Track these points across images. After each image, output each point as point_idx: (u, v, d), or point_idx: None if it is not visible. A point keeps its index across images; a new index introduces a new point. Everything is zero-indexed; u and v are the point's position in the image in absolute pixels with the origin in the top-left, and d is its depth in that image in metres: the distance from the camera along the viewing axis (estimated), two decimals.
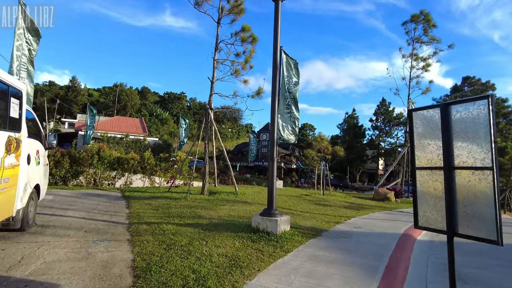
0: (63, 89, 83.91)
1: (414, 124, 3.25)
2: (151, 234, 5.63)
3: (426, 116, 3.14)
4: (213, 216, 7.22)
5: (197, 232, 5.77)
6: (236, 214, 7.53)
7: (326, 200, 11.52)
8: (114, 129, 51.35)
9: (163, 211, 7.63)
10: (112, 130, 49.98)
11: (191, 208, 8.04)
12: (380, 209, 10.74)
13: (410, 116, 3.29)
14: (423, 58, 18.22)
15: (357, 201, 12.68)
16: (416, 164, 3.23)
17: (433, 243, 6.56)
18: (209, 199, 9.49)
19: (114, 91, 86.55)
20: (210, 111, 10.52)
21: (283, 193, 12.58)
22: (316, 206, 10.09)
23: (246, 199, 9.88)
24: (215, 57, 10.78)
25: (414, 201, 3.20)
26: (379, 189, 13.58)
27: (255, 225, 6.01)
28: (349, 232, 6.63)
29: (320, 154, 13.47)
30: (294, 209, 9.04)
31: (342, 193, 14.99)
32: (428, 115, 3.13)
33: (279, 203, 9.84)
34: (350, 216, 8.81)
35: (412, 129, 3.28)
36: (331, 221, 7.78)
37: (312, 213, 8.72)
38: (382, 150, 61.99)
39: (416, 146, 3.23)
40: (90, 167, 11.64)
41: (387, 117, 59.38)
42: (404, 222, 8.49)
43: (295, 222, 7.14)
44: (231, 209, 8.14)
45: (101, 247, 4.86)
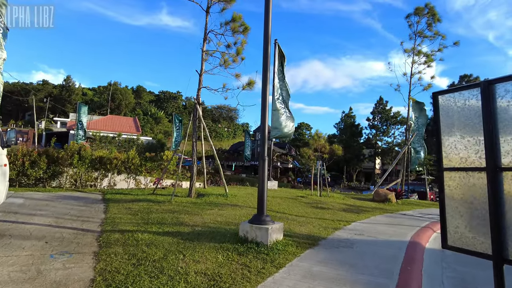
0: (57, 88, 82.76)
1: (441, 112, 2.47)
2: (122, 245, 4.85)
3: (459, 100, 2.37)
4: (197, 222, 6.45)
5: (175, 243, 5.00)
6: (223, 220, 6.76)
7: (323, 202, 10.78)
8: (106, 128, 50.47)
9: (142, 216, 6.85)
10: (104, 129, 49.10)
11: (174, 213, 7.26)
12: (381, 212, 10.02)
13: (435, 101, 2.52)
14: (426, 54, 17.53)
15: (356, 202, 11.95)
16: (444, 163, 2.46)
17: (445, 253, 5.82)
18: (196, 202, 8.72)
19: (108, 90, 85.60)
20: (198, 107, 9.74)
21: (277, 194, 11.83)
22: (313, 209, 9.34)
23: (236, 202, 9.11)
24: (203, 48, 10.01)
25: (441, 213, 2.44)
26: (379, 190, 12.87)
27: (242, 234, 5.24)
28: (350, 241, 5.88)
29: (317, 153, 12.73)
30: (289, 213, 8.28)
31: (340, 194, 14.27)
32: (461, 99, 2.36)
33: (273, 206, 9.08)
34: (350, 220, 8.07)
35: (438, 118, 2.50)
36: (329, 227, 7.03)
37: (309, 218, 7.97)
38: (379, 149, 61.56)
39: (443, 141, 2.46)
40: (70, 167, 10.82)
41: (384, 116, 58.92)
42: (409, 227, 7.77)
43: (289, 229, 6.39)
44: (219, 214, 7.37)
45: (58, 262, 4.09)
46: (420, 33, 17.65)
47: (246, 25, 10.33)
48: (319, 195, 12.67)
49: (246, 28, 10.38)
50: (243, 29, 10.43)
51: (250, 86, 9.55)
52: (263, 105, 5.50)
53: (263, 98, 5.52)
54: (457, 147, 2.28)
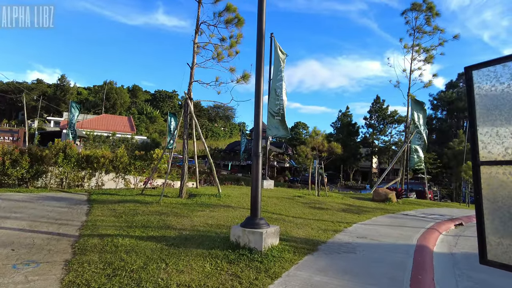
0: (51, 87, 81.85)
1: (477, 91, 1.96)
2: (99, 252, 4.33)
3: (502, 74, 1.87)
4: (185, 226, 5.92)
5: (158, 249, 4.48)
6: (214, 223, 6.23)
7: (321, 202, 10.29)
8: (101, 127, 49.75)
9: (126, 219, 6.31)
10: (99, 128, 48.36)
11: (161, 215, 6.72)
12: (382, 212, 9.54)
13: (468, 78, 2.01)
14: (426, 49, 17.08)
15: (356, 202, 11.47)
16: (481, 156, 1.95)
17: (455, 258, 5.35)
18: (187, 203, 8.18)
19: (104, 90, 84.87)
20: (189, 102, 9.20)
21: (274, 194, 11.32)
22: (311, 209, 8.84)
23: (229, 202, 8.58)
24: (195, 40, 9.47)
25: (478, 218, 1.93)
26: (379, 190, 12.40)
27: (234, 239, 4.73)
28: (352, 245, 5.39)
29: (314, 152, 12.24)
30: (286, 214, 7.78)
31: (338, 194, 13.80)
32: (506, 73, 1.85)
33: (269, 206, 8.58)
34: (351, 221, 7.59)
35: (472, 100, 1.98)
36: (329, 229, 6.54)
37: (307, 219, 7.47)
38: (376, 148, 61.39)
39: (480, 128, 1.95)
40: (55, 166, 10.25)
41: (381, 114, 58.71)
42: (413, 228, 7.29)
43: (285, 232, 5.88)
44: (210, 216, 6.84)
45: (20, 275, 3.55)
46: (419, 29, 17.21)
47: (240, 17, 9.80)
48: (317, 195, 12.18)
49: (240, 20, 9.85)
50: (237, 22, 9.90)
51: (245, 79, 9.02)
52: (257, 97, 4.98)
53: (257, 89, 5.00)
54: (500, 134, 1.78)
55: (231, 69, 10.08)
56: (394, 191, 12.75)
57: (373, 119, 60.06)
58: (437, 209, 11.75)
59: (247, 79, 9.02)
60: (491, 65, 1.84)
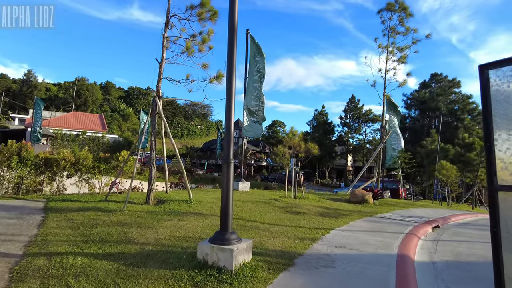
0: (16, 82, 77.70)
1: (495, 96, 1.55)
2: (42, 276, 3.71)
3: None
4: (149, 239, 5.35)
5: (114, 271, 3.90)
6: (182, 235, 5.69)
7: (298, 206, 9.93)
8: (70, 125, 47.58)
9: (83, 231, 5.65)
10: (68, 126, 46.20)
11: (123, 225, 6.10)
12: (360, 215, 9.30)
13: (484, 79, 1.59)
14: (400, 49, 17.17)
15: (333, 205, 11.21)
16: (500, 178, 1.54)
17: (437, 267, 5.09)
18: (154, 211, 7.57)
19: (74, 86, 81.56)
20: (158, 100, 8.56)
21: (249, 198, 10.85)
22: (288, 214, 8.45)
23: (201, 209, 8.04)
24: (164, 34, 8.83)
25: (495, 253, 1.53)
26: (355, 191, 12.22)
27: (201, 256, 4.22)
28: (331, 257, 5.01)
29: (291, 151, 11.88)
30: (261, 221, 7.33)
31: (315, 195, 13.53)
32: None
33: (243, 212, 8.10)
34: (328, 227, 7.24)
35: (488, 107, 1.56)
36: (306, 237, 6.15)
37: (283, 226, 7.06)
38: (351, 147, 62.37)
39: (498, 142, 1.54)
40: (8, 170, 9.32)
41: (356, 113, 59.67)
42: (392, 234, 7.04)
43: (260, 244, 5.43)
44: (178, 226, 6.28)
45: None
46: (393, 29, 17.28)
47: (215, 9, 9.24)
48: (294, 197, 11.84)
49: (214, 13, 9.29)
50: (211, 15, 9.34)
51: (218, 79, 8.45)
52: (228, 100, 4.49)
53: (228, 92, 4.50)
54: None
55: (203, 65, 9.50)
56: (370, 192, 12.61)
57: (348, 118, 60.96)
58: (413, 210, 11.70)
59: (220, 79, 8.47)
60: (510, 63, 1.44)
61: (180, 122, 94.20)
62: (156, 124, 8.63)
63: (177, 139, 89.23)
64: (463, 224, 9.94)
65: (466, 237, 7.65)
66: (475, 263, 5.45)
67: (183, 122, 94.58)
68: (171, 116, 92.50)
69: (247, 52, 12.84)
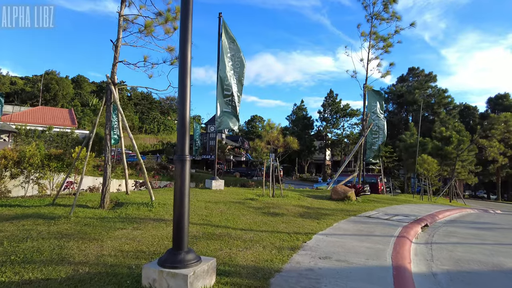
0: None
1: None
2: None
3: None
4: (89, 256, 4.24)
5: None
6: (133, 249, 4.61)
7: (276, 206, 9.02)
8: (36, 121, 44.81)
9: (7, 247, 4.47)
10: (33, 122, 43.47)
11: (62, 238, 4.95)
12: (344, 215, 8.49)
13: None
14: (383, 38, 16.51)
15: (314, 203, 10.37)
16: None
17: (439, 280, 4.28)
18: (106, 216, 6.42)
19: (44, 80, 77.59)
20: (112, 88, 7.36)
21: (223, 197, 9.82)
22: (264, 216, 7.50)
23: (163, 214, 6.93)
24: (121, 12, 7.59)
25: None
26: (337, 187, 11.44)
27: (147, 283, 3.19)
28: (315, 272, 4.09)
29: (269, 146, 10.94)
30: (233, 226, 6.35)
31: (295, 192, 12.68)
32: None
33: (213, 216, 7.06)
34: (310, 231, 6.36)
35: None
36: (284, 246, 5.21)
37: (258, 231, 6.10)
38: (329, 141, 62.49)
39: None
40: None
41: (334, 108, 59.71)
42: (382, 237, 6.24)
43: (229, 258, 4.44)
44: (130, 237, 5.19)
45: None
46: (377, 15, 16.59)
47: None
48: (272, 195, 10.92)
49: None
50: None
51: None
52: (182, 74, 3.45)
53: (182, 64, 3.46)
54: None
55: (169, 48, 8.37)
56: (353, 188, 11.89)
57: (326, 113, 60.92)
58: (398, 207, 11.06)
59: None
60: None
61: (156, 117, 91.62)
62: (110, 115, 7.43)
63: (153, 135, 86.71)
64: (452, 221, 9.35)
65: (460, 238, 6.96)
66: (481, 273, 4.69)
67: (159, 117, 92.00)
68: (147, 111, 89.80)
69: (219, 38, 11.72)
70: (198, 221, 6.48)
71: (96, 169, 30.66)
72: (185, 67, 3.44)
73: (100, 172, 29.66)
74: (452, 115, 41.54)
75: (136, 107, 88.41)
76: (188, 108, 3.45)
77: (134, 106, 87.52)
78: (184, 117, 3.42)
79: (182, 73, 3.44)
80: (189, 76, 3.45)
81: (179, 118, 3.43)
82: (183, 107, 3.42)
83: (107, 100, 7.42)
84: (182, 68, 3.45)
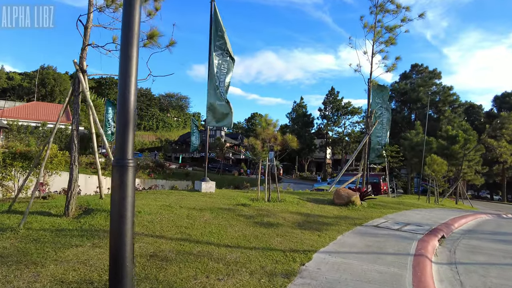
0: None
1: None
2: None
3: None
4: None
5: None
6: (79, 279, 3.52)
7: (271, 213, 7.94)
8: (30, 116, 43.77)
9: None
10: (27, 117, 42.45)
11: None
12: (348, 224, 7.42)
13: None
14: (389, 28, 15.39)
15: (314, 209, 9.31)
16: None
17: None
18: (65, 228, 5.35)
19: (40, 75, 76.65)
20: (81, 76, 6.28)
21: (210, 203, 8.72)
22: (256, 228, 6.43)
23: (137, 224, 5.87)
24: None
25: None
26: (340, 191, 10.38)
27: None
28: None
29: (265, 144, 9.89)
30: (217, 241, 5.28)
31: (293, 196, 11.61)
32: None
33: (194, 229, 5.96)
34: (310, 248, 5.29)
35: None
36: (277, 272, 4.15)
37: (247, 249, 5.03)
38: (330, 139, 61.44)
39: None
40: None
41: (336, 106, 58.60)
42: (396, 256, 5.17)
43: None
44: (83, 258, 4.11)
45: None
46: (382, 7, 15.47)
47: None
48: (267, 199, 9.86)
49: None
50: None
51: (154, 39, 6.20)
52: (126, 34, 2.38)
53: (126, 23, 2.39)
54: None
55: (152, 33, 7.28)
56: (357, 192, 10.82)
57: (327, 110, 59.82)
58: (407, 214, 10.00)
59: (156, 39, 6.27)
60: None
61: (155, 114, 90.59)
62: (79, 107, 6.36)
63: (152, 132, 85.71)
64: (470, 231, 8.28)
65: (487, 255, 5.89)
66: None
67: (158, 114, 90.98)
68: (145, 107, 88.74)
69: (211, 26, 10.62)
70: (175, 234, 5.41)
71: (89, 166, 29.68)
72: (130, 24, 2.37)
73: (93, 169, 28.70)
74: (458, 114, 40.38)
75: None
76: (133, 88, 2.37)
77: None
78: (127, 101, 2.34)
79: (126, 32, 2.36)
80: (136, 40, 2.38)
81: (119, 103, 2.35)
82: (125, 86, 2.35)
83: (74, 90, 6.35)
84: (126, 24, 2.38)
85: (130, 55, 2.35)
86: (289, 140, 9.75)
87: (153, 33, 6.12)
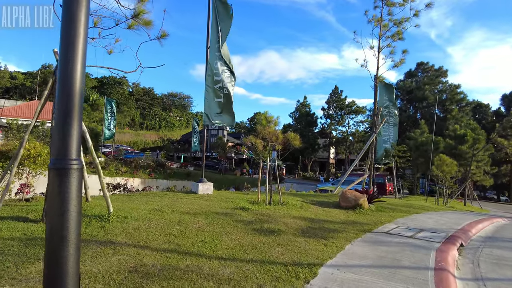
0: None
1: None
2: None
3: None
4: None
5: None
6: None
7: (272, 218, 7.30)
8: (30, 115, 43.36)
9: None
10: (26, 116, 42.10)
11: None
12: (357, 231, 6.77)
13: None
14: (397, 22, 14.70)
15: (319, 213, 8.66)
16: None
17: None
18: (37, 237, 4.73)
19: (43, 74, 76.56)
20: None
21: (206, 206, 8.09)
22: (255, 236, 5.79)
23: (118, 233, 5.19)
24: None
25: None
26: (347, 193, 9.72)
27: None
28: None
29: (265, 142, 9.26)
30: (209, 253, 4.65)
31: (297, 198, 10.96)
32: None
33: (185, 237, 5.32)
34: (315, 260, 4.65)
35: None
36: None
37: (243, 262, 4.40)
38: (334, 139, 60.62)
39: None
40: None
41: (339, 105, 57.79)
42: (414, 271, 4.51)
43: None
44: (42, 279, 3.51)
45: None
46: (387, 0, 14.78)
47: None
48: (268, 202, 9.22)
49: None
50: None
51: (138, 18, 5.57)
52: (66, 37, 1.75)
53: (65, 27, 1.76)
54: None
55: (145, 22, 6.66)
56: (365, 194, 10.15)
57: (331, 110, 59.03)
58: (419, 218, 9.33)
59: (143, 20, 5.61)
60: None
61: (158, 113, 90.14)
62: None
63: (154, 131, 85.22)
64: (490, 238, 7.60)
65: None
66: None
67: (160, 113, 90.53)
68: (148, 107, 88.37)
69: (209, 16, 9.98)
70: (162, 244, 4.78)
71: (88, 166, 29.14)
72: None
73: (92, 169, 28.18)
74: (465, 113, 39.51)
75: (137, 103, 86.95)
76: (79, 63, 1.75)
77: (135, 102, 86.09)
78: (69, 78, 1.72)
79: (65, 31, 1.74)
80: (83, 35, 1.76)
81: (59, 81, 1.73)
82: (67, 59, 1.72)
83: (54, 82, 5.74)
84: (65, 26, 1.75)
85: (74, 14, 1.73)
86: (291, 139, 9.10)
87: (139, 10, 5.46)
